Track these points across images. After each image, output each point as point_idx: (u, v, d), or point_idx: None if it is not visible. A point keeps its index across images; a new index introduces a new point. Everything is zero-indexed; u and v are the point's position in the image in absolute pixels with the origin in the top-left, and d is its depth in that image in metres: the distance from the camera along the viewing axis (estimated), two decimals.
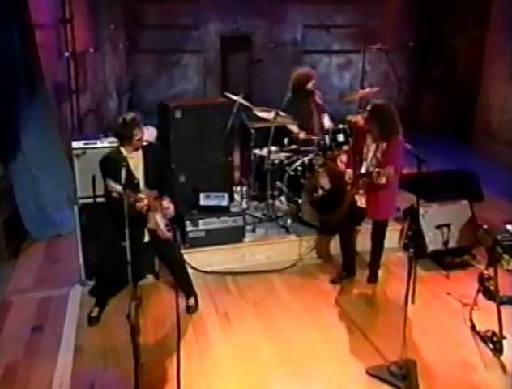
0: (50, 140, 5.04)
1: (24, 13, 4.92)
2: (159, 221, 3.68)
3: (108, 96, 8.74)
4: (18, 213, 4.99)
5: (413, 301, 3.28)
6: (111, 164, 3.54)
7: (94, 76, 8.19)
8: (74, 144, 4.04)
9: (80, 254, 4.21)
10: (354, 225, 4.42)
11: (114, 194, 3.24)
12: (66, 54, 6.91)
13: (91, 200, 4.05)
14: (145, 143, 3.69)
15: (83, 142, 4.06)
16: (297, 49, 10.20)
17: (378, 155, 3.87)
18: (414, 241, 3.63)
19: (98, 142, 4.06)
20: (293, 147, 5.12)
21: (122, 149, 3.62)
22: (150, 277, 4.39)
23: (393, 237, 4.88)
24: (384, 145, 3.85)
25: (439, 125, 9.42)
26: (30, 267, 4.59)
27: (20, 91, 4.89)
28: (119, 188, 3.19)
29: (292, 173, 4.93)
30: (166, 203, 3.71)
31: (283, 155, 5.10)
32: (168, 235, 3.76)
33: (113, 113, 8.91)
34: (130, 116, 3.54)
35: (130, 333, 2.77)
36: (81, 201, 4.10)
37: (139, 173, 3.67)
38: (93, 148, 4.01)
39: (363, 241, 4.64)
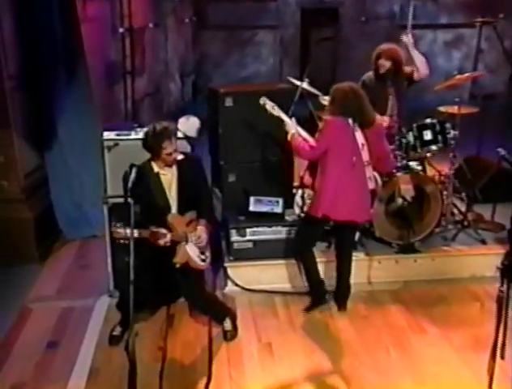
0: (89, 128, 5.11)
1: None
2: (190, 252, 3.59)
3: (169, 78, 8.85)
4: (51, 209, 5.14)
5: (502, 357, 2.87)
6: (138, 182, 3.38)
7: (153, 55, 8.32)
8: (106, 135, 4.05)
9: (109, 260, 4.23)
10: None
11: (122, 242, 3.18)
12: (121, 30, 7.06)
13: (122, 200, 4.00)
14: (180, 157, 3.56)
15: (115, 132, 4.07)
16: (394, 23, 9.73)
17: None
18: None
19: (132, 133, 4.03)
20: None
21: (154, 164, 3.53)
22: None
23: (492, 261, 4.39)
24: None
25: None
26: (57, 272, 4.72)
27: (58, 72, 5.03)
28: (135, 234, 3.08)
29: None
30: (199, 230, 3.60)
31: None
32: (201, 265, 3.67)
33: (175, 98, 9.05)
34: (160, 125, 3.42)
35: (128, 372, 2.63)
36: (111, 200, 4.09)
37: (172, 194, 3.57)
38: (126, 140, 3.98)
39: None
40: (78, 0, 6.17)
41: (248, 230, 4.32)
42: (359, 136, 3.83)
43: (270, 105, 4.07)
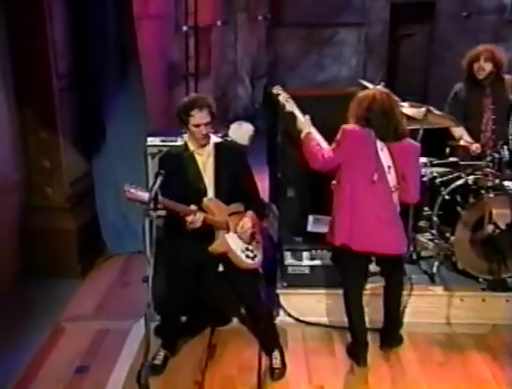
0: (139, 133, 5.15)
1: None
2: (232, 244, 3.54)
3: (238, 81, 8.89)
4: (96, 220, 5.26)
5: None
6: (172, 162, 3.50)
7: (221, 56, 8.39)
8: (150, 140, 4.07)
9: (150, 279, 4.20)
10: None
11: (139, 205, 3.19)
12: (185, 28, 7.17)
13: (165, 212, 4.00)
14: (216, 139, 3.61)
15: (160, 138, 4.09)
16: (503, 19, 9.25)
17: None
18: None
19: (179, 139, 4.02)
20: (452, 159, 4.62)
21: (189, 143, 3.58)
22: (235, 321, 4.29)
23: None
24: None
25: None
26: (97, 288, 4.80)
27: (110, 72, 5.15)
28: (145, 196, 3.12)
29: (447, 197, 4.49)
30: (244, 220, 3.55)
31: (436, 170, 4.66)
32: (247, 263, 3.59)
33: (244, 103, 9.07)
34: (195, 95, 3.55)
35: None
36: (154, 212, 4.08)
37: (208, 176, 3.57)
38: (172, 146, 3.97)
39: None
40: None
41: (304, 253, 4.22)
42: (385, 156, 3.55)
43: (283, 97, 3.90)
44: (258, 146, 5.10)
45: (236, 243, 3.57)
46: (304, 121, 3.82)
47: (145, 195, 3.17)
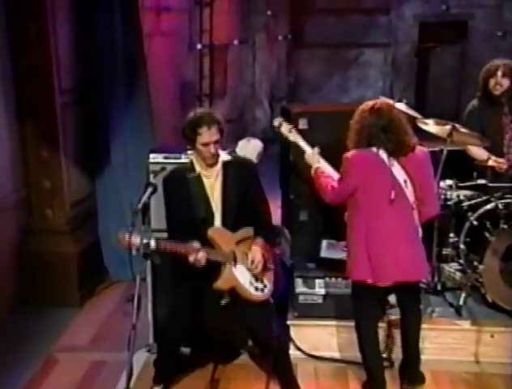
0: (146, 153, 5.15)
1: None
2: (239, 278, 3.47)
3: (256, 103, 8.93)
4: (98, 245, 5.23)
5: None
6: (177, 188, 3.45)
7: (238, 76, 8.45)
8: (152, 157, 4.04)
9: (149, 307, 4.18)
10: None
11: (134, 252, 3.13)
12: (199, 46, 7.23)
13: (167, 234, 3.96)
14: (225, 157, 3.53)
15: (163, 155, 4.04)
16: None
17: None
18: None
19: (183, 156, 3.98)
20: (480, 181, 4.53)
21: (196, 163, 3.51)
22: (243, 354, 4.22)
23: None
24: None
25: None
26: (96, 317, 4.74)
27: (116, 88, 5.20)
28: (152, 244, 3.13)
29: (475, 223, 4.40)
30: (253, 251, 3.47)
31: (463, 193, 4.57)
32: (256, 296, 3.51)
33: (262, 126, 9.06)
34: (202, 110, 3.48)
35: None
36: (155, 235, 4.02)
37: (216, 202, 3.50)
38: (176, 163, 3.93)
39: None
40: (151, 11, 6.43)
41: (317, 281, 4.14)
42: (398, 172, 3.45)
43: (286, 128, 3.89)
44: (272, 170, 5.08)
45: (245, 275, 3.49)
46: (311, 155, 3.82)
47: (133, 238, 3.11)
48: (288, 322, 4.17)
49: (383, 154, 3.43)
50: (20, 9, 4.60)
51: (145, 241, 3.09)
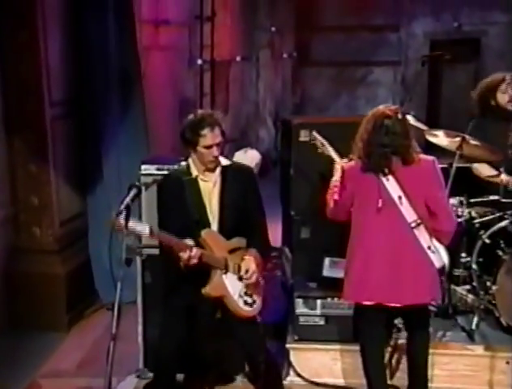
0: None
1: (125, 3, 5.25)
2: (229, 287, 3.41)
3: (259, 122, 8.95)
4: (88, 265, 5.18)
5: None
6: (172, 190, 3.44)
7: (240, 94, 8.48)
8: (144, 168, 4.01)
9: (140, 330, 4.14)
10: None
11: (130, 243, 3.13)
12: (199, 62, 7.26)
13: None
14: (225, 162, 3.53)
15: (155, 166, 4.01)
16: None
17: None
18: None
19: (176, 167, 3.94)
20: (492, 197, 4.49)
21: (193, 166, 3.48)
22: (239, 379, 4.15)
23: None
24: None
25: None
26: (83, 341, 4.69)
27: (110, 101, 5.22)
28: (146, 230, 3.09)
29: (488, 241, 4.35)
30: (247, 261, 3.42)
31: (474, 210, 4.53)
32: (246, 311, 3.45)
33: (266, 147, 9.07)
34: (201, 111, 3.49)
35: None
36: (146, 251, 4.00)
37: (213, 207, 3.48)
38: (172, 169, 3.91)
39: None
40: (149, 24, 6.47)
41: (319, 301, 4.10)
42: (392, 186, 3.42)
43: (319, 142, 3.91)
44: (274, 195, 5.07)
45: (235, 286, 3.44)
46: (336, 167, 3.81)
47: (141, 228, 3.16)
48: (288, 346, 4.13)
49: (378, 167, 3.44)
50: (10, 18, 4.63)
51: (139, 227, 3.13)
